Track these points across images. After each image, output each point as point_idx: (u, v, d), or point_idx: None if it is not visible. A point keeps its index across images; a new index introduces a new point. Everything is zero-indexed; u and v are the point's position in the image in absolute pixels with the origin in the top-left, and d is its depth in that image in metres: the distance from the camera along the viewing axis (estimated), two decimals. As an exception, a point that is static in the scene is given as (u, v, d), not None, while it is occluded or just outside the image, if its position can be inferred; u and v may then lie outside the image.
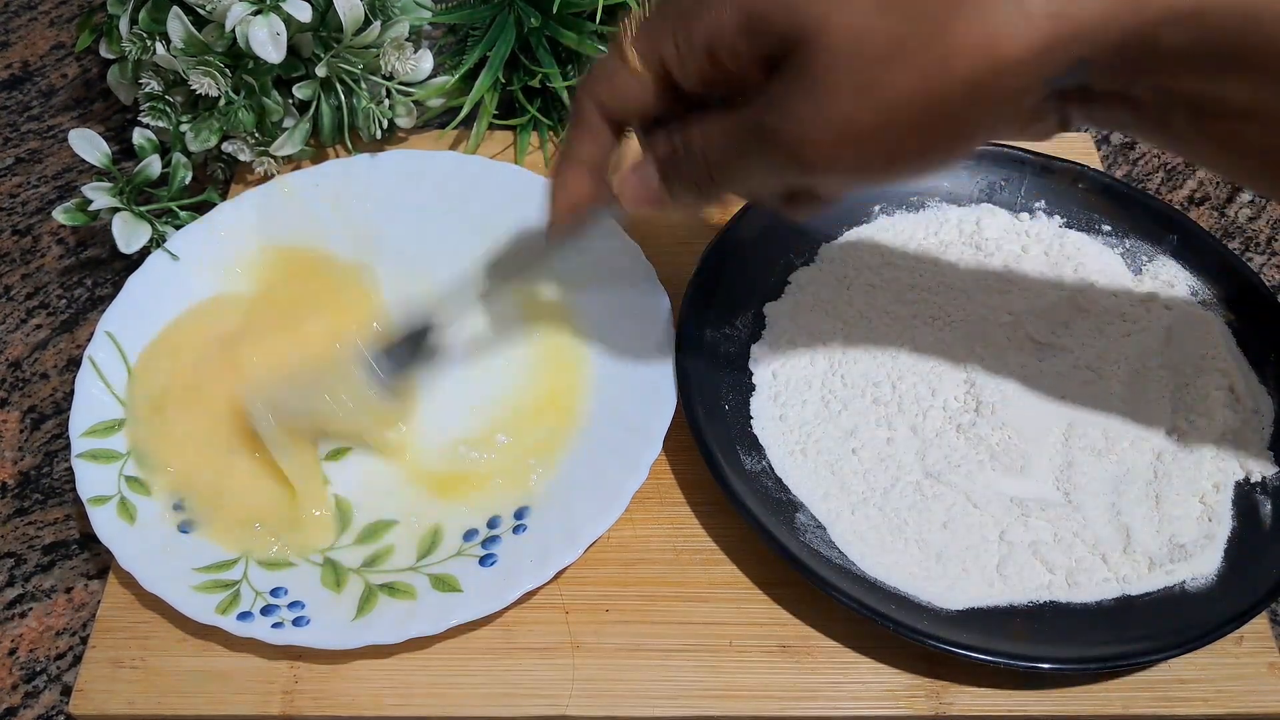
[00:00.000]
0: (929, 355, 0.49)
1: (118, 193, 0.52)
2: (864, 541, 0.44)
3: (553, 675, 0.42)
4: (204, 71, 0.52)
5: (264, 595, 0.42)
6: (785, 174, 0.34)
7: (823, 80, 0.31)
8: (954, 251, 0.53)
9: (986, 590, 0.43)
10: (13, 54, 0.67)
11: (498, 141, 0.60)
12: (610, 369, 0.49)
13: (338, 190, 0.55)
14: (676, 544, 0.45)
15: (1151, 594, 0.43)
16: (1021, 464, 0.46)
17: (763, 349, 0.50)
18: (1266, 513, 0.44)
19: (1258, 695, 0.41)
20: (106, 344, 0.48)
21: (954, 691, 0.42)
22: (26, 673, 0.44)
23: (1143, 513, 0.44)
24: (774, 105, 0.33)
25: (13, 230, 0.58)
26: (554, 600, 0.44)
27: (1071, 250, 0.53)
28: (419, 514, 0.45)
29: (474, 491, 0.46)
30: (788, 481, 0.46)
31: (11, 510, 0.48)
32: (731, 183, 0.36)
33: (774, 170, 0.34)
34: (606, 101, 0.37)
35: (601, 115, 0.37)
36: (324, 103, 0.55)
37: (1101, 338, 0.50)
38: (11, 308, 0.55)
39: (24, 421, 0.51)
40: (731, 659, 0.42)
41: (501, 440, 0.47)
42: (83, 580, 0.46)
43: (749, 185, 0.36)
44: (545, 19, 0.56)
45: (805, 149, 0.33)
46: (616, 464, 0.45)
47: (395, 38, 0.54)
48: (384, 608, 0.42)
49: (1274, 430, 0.47)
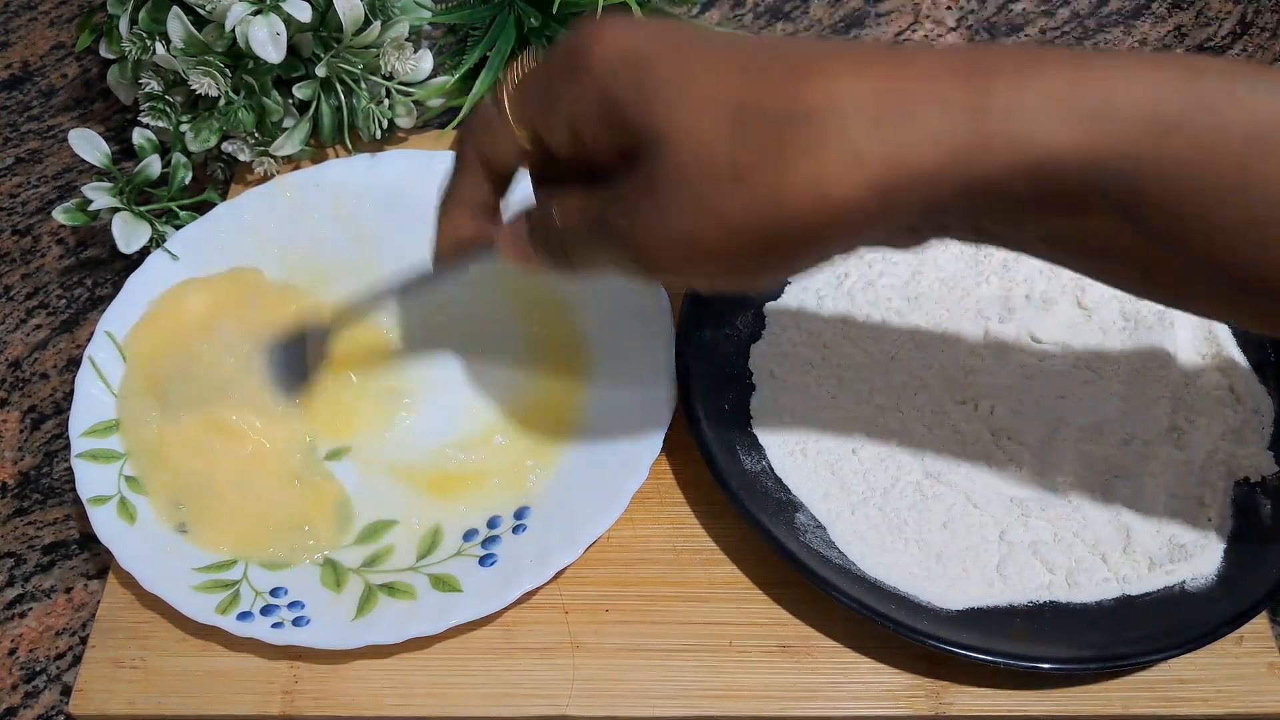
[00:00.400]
0: (929, 355, 0.49)
1: (118, 193, 0.52)
2: (864, 541, 0.44)
3: (553, 675, 0.42)
4: (204, 71, 0.52)
5: (264, 595, 0.42)
6: (627, 268, 0.34)
7: (664, 188, 0.31)
8: (954, 250, 0.53)
9: (986, 590, 0.43)
10: (13, 54, 0.67)
11: (498, 141, 0.59)
12: (610, 369, 0.49)
13: (338, 190, 0.55)
14: (676, 544, 0.45)
15: (1151, 594, 0.43)
16: (1021, 464, 0.46)
17: (763, 349, 0.50)
18: (1266, 513, 0.44)
19: (1258, 695, 0.41)
20: (106, 344, 0.48)
21: (954, 691, 0.42)
22: (26, 673, 0.44)
23: (1143, 512, 0.44)
24: (619, 201, 0.32)
25: (13, 230, 0.58)
26: (554, 600, 0.44)
27: (1071, 250, 0.52)
28: (419, 514, 0.45)
29: (473, 492, 0.46)
30: (788, 481, 0.46)
31: (11, 510, 0.48)
32: (584, 263, 0.35)
33: (619, 262, 0.34)
34: (483, 151, 0.37)
35: (479, 161, 0.37)
36: (324, 103, 0.55)
37: (1102, 337, 0.50)
38: (11, 308, 0.55)
39: (24, 421, 0.51)
40: (731, 659, 0.42)
41: (499, 441, 0.47)
42: (83, 580, 0.46)
43: (599, 267, 0.35)
44: (545, 19, 0.56)
45: (643, 252, 0.32)
46: (616, 464, 0.45)
47: (395, 38, 0.54)
48: (384, 608, 0.42)
49: (1274, 430, 0.47)
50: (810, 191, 0.29)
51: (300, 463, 0.46)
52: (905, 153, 0.29)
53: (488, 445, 0.47)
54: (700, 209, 0.30)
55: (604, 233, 0.33)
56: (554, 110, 0.34)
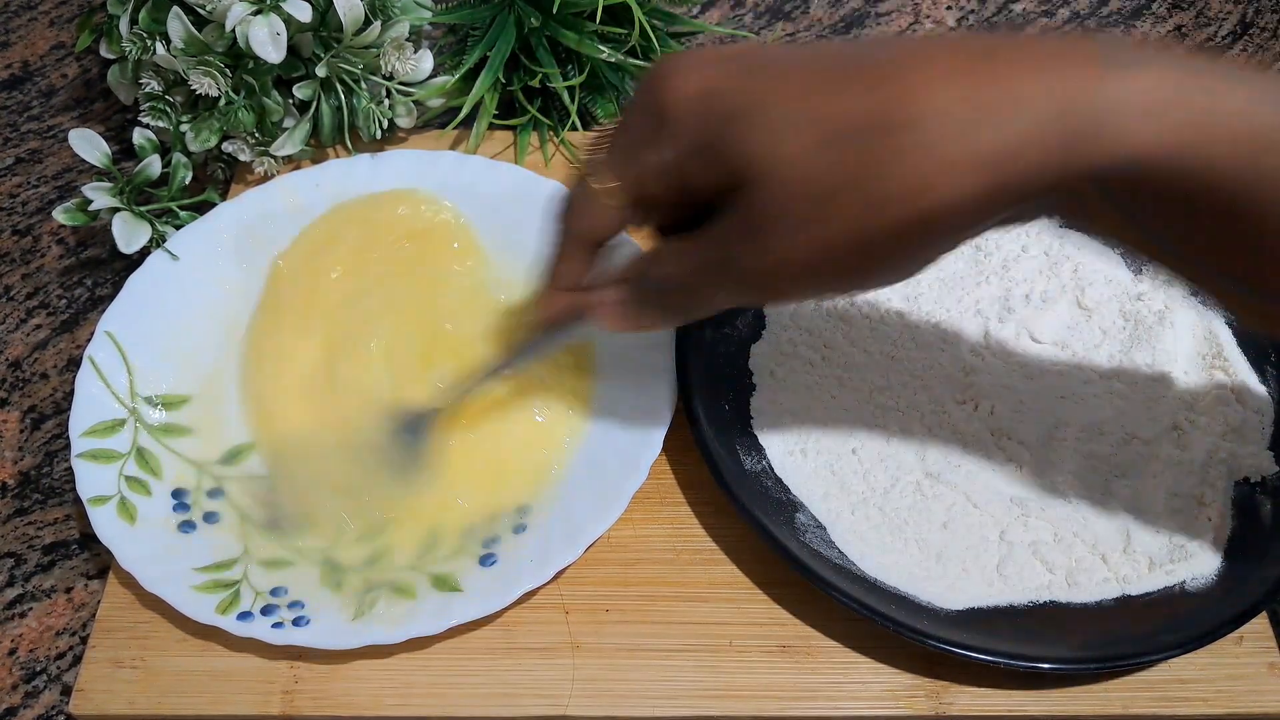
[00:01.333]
0: (929, 355, 0.49)
1: (118, 193, 0.52)
2: (864, 541, 0.44)
3: (553, 675, 0.42)
4: (204, 71, 0.52)
5: (264, 595, 0.42)
6: (741, 300, 0.35)
7: (770, 218, 0.32)
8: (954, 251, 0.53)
9: (986, 590, 0.43)
10: (13, 54, 0.67)
11: (498, 141, 0.60)
12: (610, 369, 0.49)
13: (338, 190, 0.54)
14: (676, 544, 0.45)
15: (1151, 594, 0.43)
16: (1021, 464, 0.46)
17: (763, 349, 0.50)
18: (1266, 513, 0.44)
19: (1258, 695, 0.41)
20: (106, 344, 0.48)
21: (954, 691, 0.42)
22: (26, 673, 0.44)
23: (1142, 512, 0.44)
24: (728, 237, 0.33)
25: (13, 230, 0.58)
26: (554, 600, 0.44)
27: (1071, 250, 0.52)
28: (419, 514, 0.45)
29: (474, 491, 0.46)
30: (788, 481, 0.46)
31: (11, 510, 0.48)
32: (699, 305, 0.37)
33: (736, 295, 0.35)
34: (583, 232, 0.38)
35: (578, 243, 0.38)
36: (324, 103, 0.55)
37: (1102, 337, 0.50)
38: (11, 308, 0.55)
39: (24, 421, 0.51)
40: (731, 659, 0.42)
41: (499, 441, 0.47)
42: (83, 580, 0.46)
43: (714, 307, 0.37)
44: (545, 19, 0.56)
45: (759, 280, 0.33)
46: (616, 464, 0.45)
47: (395, 38, 0.54)
48: (384, 608, 0.42)
49: (1274, 430, 0.47)
50: (910, 200, 0.30)
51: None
52: (999, 153, 0.29)
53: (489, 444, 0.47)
54: (807, 231, 0.31)
55: (719, 271, 0.34)
56: (647, 167, 0.34)
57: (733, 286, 0.34)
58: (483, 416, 0.48)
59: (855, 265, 0.32)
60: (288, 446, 0.47)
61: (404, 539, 0.45)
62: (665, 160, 0.34)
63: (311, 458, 0.46)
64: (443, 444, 0.46)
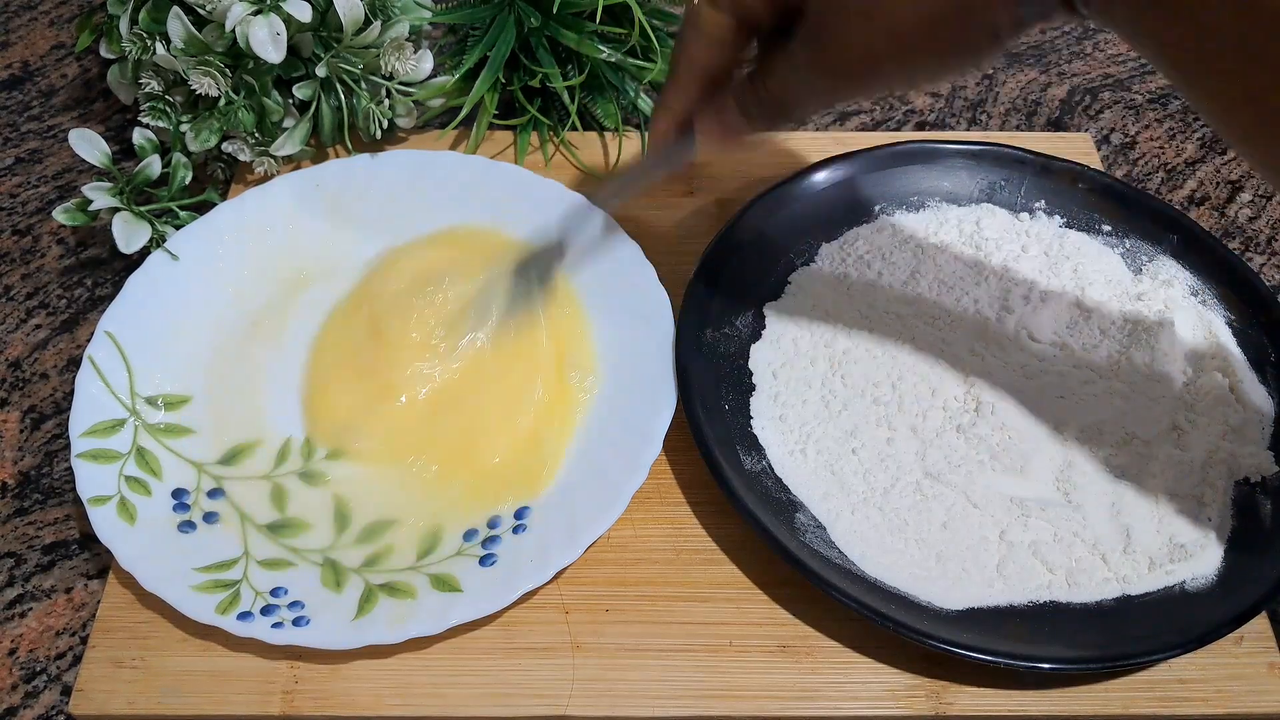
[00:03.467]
0: (929, 355, 0.49)
1: (118, 193, 0.52)
2: (864, 541, 0.44)
3: (553, 675, 0.42)
4: (204, 71, 0.52)
5: (264, 595, 0.42)
6: (835, 93, 0.39)
7: (833, 16, 0.35)
8: (954, 251, 0.53)
9: (986, 590, 0.43)
10: (13, 54, 0.67)
11: (498, 141, 0.60)
12: (610, 369, 0.49)
13: (338, 190, 0.55)
14: (676, 544, 0.45)
15: (1151, 594, 0.43)
16: (1021, 464, 0.46)
17: (763, 349, 0.50)
18: (1266, 513, 0.44)
19: (1258, 695, 0.41)
20: (106, 344, 0.48)
21: (954, 691, 0.42)
22: (26, 673, 0.44)
23: (1143, 513, 0.44)
24: (808, 37, 0.37)
25: (13, 230, 0.58)
26: (554, 600, 0.44)
27: (1071, 250, 0.53)
28: (419, 514, 0.45)
29: (474, 491, 0.46)
30: (788, 481, 0.46)
31: (11, 510, 0.48)
32: (798, 104, 0.40)
33: (826, 90, 0.38)
34: (695, 61, 0.41)
35: (693, 72, 0.41)
36: (324, 103, 0.55)
37: (1102, 337, 0.50)
38: (11, 308, 0.55)
39: (24, 421, 0.51)
40: (731, 659, 0.42)
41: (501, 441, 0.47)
42: (83, 580, 0.46)
43: (811, 105, 0.40)
44: (545, 19, 0.56)
45: (838, 68, 0.37)
46: (616, 464, 0.45)
47: (395, 38, 0.54)
48: (384, 608, 0.42)
49: (1274, 430, 0.47)
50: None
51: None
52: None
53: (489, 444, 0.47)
54: (869, 19, 0.35)
55: (808, 65, 0.37)
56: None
57: (823, 81, 0.38)
58: (483, 416, 0.48)
59: (920, 48, 0.35)
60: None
61: (404, 539, 0.45)
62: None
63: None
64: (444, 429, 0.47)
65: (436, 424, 0.47)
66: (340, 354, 0.50)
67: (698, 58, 0.41)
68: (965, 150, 0.55)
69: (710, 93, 0.42)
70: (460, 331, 0.49)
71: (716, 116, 0.41)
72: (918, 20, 0.34)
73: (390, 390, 0.48)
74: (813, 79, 0.38)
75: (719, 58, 0.41)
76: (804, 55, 0.37)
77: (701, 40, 0.40)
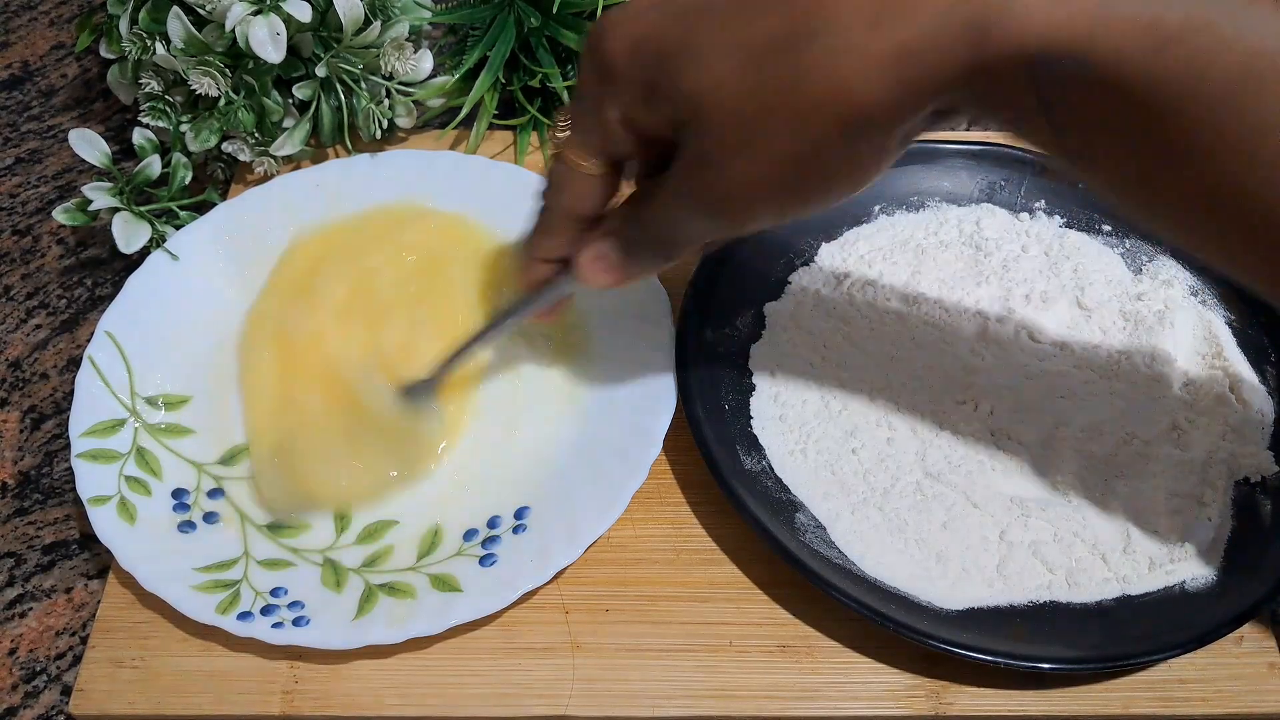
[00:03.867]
0: (929, 355, 0.49)
1: (118, 193, 0.52)
2: (864, 541, 0.44)
3: (553, 675, 0.42)
4: (204, 71, 0.52)
5: (264, 595, 0.42)
6: (714, 228, 0.36)
7: (714, 143, 0.33)
8: (954, 251, 0.53)
9: (986, 590, 0.43)
10: (13, 54, 0.67)
11: (498, 141, 0.60)
12: (610, 369, 0.49)
13: (338, 190, 0.54)
14: (676, 544, 0.45)
15: (1151, 594, 0.43)
16: (1021, 464, 0.46)
17: (763, 349, 0.50)
18: (1266, 513, 0.44)
19: (1258, 695, 0.41)
20: (106, 344, 0.48)
21: (954, 691, 0.42)
22: (26, 673, 0.44)
23: (1143, 513, 0.44)
24: (684, 171, 0.35)
25: (13, 230, 0.58)
26: (554, 600, 0.44)
27: (1071, 250, 0.53)
28: (419, 514, 0.45)
29: (474, 491, 0.46)
30: (788, 481, 0.46)
31: (11, 510, 0.48)
32: (681, 238, 0.37)
33: (707, 225, 0.36)
34: (565, 206, 0.39)
35: (565, 218, 0.40)
36: (324, 103, 0.55)
37: (1101, 337, 0.50)
38: (11, 308, 0.55)
39: (24, 421, 0.51)
40: (731, 659, 0.42)
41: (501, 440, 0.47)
42: (83, 580, 0.46)
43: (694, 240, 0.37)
44: (545, 19, 0.56)
45: (720, 204, 0.34)
46: (616, 464, 0.45)
47: (395, 38, 0.54)
48: (384, 608, 0.42)
49: (1274, 430, 0.47)
50: (830, 106, 0.31)
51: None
52: (905, 47, 0.30)
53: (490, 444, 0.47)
54: (750, 153, 0.32)
55: (687, 203, 0.35)
56: (607, 125, 0.36)
57: (702, 216, 0.35)
58: (482, 416, 0.48)
59: (802, 178, 0.33)
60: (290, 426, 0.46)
61: (404, 539, 0.45)
62: (619, 114, 0.35)
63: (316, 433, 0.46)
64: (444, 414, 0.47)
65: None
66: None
67: (569, 203, 0.39)
68: (965, 150, 0.55)
69: (585, 232, 0.40)
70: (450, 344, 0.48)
71: (596, 258, 0.39)
72: (798, 149, 0.32)
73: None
74: (692, 207, 0.35)
75: (591, 201, 0.39)
76: (683, 184, 0.35)
77: (573, 184, 0.38)
